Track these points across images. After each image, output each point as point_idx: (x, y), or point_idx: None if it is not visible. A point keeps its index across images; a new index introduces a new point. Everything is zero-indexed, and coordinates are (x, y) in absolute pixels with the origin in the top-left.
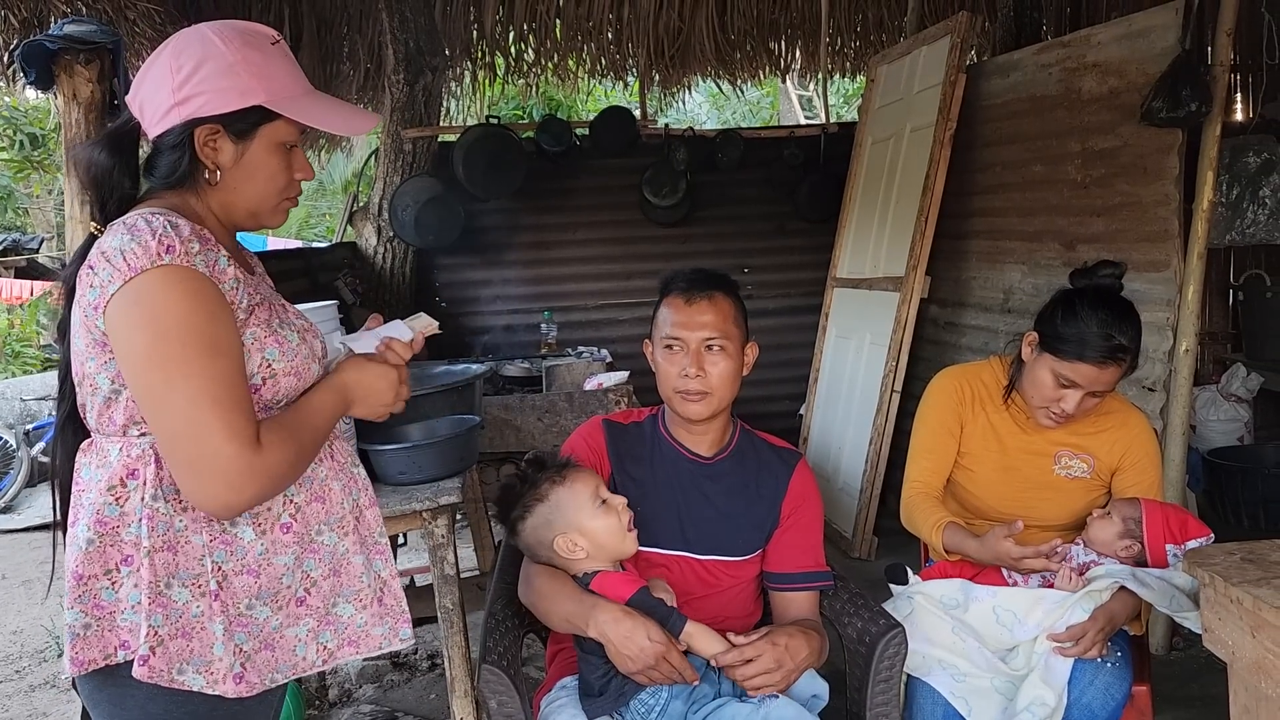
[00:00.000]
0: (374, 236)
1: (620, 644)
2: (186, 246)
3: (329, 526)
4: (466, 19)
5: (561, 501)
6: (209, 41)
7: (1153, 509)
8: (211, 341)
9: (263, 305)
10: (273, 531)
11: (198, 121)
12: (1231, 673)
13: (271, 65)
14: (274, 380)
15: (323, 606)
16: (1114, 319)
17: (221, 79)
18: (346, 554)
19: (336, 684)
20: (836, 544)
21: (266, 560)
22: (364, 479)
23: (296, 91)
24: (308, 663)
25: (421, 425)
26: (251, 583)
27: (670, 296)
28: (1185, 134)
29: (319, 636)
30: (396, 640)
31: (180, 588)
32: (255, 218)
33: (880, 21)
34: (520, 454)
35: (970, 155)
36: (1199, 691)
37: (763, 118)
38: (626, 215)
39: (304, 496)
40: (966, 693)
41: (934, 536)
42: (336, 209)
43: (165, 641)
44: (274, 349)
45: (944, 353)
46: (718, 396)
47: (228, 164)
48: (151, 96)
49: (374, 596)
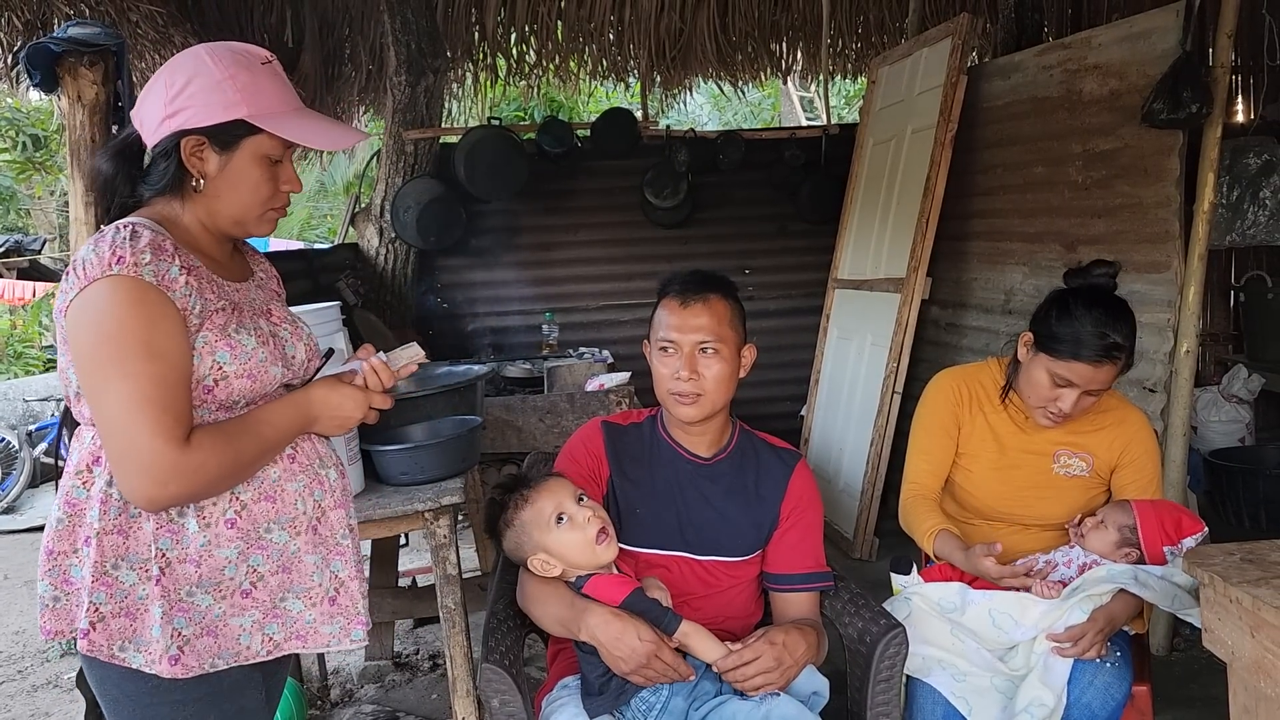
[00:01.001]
0: (376, 238)
1: (611, 646)
2: (137, 257)
3: (279, 525)
4: (468, 20)
5: (526, 523)
6: (201, 61)
7: (1145, 512)
8: (148, 346)
9: (222, 311)
10: (216, 525)
11: (185, 133)
12: (1231, 672)
13: (258, 83)
14: (226, 382)
15: (269, 600)
16: (1108, 318)
17: (208, 94)
18: (298, 553)
19: (338, 684)
20: (837, 545)
21: (208, 552)
22: (333, 482)
23: (283, 109)
24: (251, 651)
25: (424, 426)
26: (193, 571)
27: (666, 299)
28: (1186, 135)
29: (264, 628)
30: (347, 640)
31: (128, 570)
32: (240, 225)
33: (881, 23)
34: (521, 455)
35: (971, 157)
36: (1199, 692)
37: (764, 119)
38: (628, 216)
39: (251, 495)
40: (967, 692)
41: (926, 543)
42: (338, 210)
43: (107, 619)
44: (225, 352)
45: (945, 354)
46: (710, 399)
47: (212, 173)
48: (149, 111)
49: (326, 595)
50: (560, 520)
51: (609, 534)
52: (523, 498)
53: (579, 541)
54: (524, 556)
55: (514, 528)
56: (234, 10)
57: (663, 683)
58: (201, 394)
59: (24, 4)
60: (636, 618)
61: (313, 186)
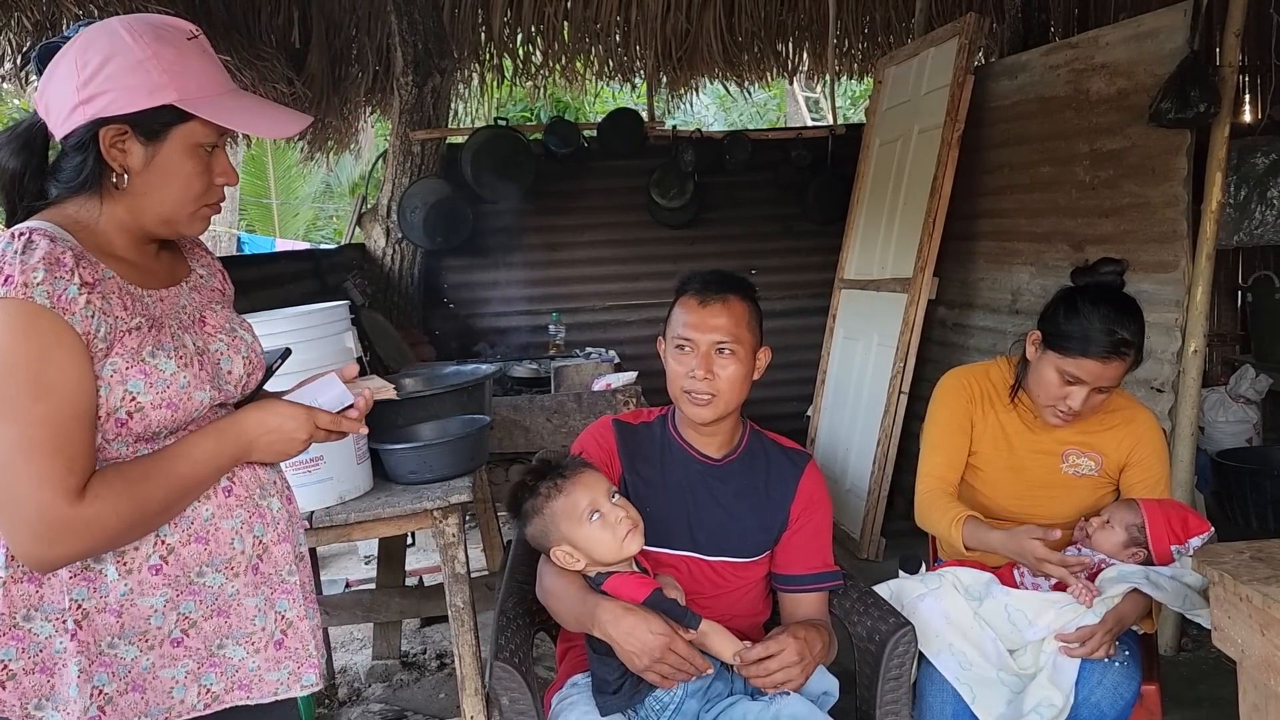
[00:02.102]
0: (382, 238)
1: (624, 641)
2: (28, 276)
3: (213, 568)
4: (475, 21)
5: (556, 514)
6: (117, 36)
7: (1153, 511)
8: (36, 382)
9: (135, 331)
10: (139, 572)
11: (103, 121)
12: (1241, 671)
13: (186, 62)
14: (141, 414)
15: (204, 649)
16: (1116, 314)
17: (129, 76)
18: (236, 595)
19: (346, 683)
20: (844, 545)
21: (130, 601)
22: (277, 513)
23: (214, 90)
24: (186, 706)
25: (432, 425)
26: (113, 622)
27: (685, 296)
28: (1193, 135)
29: (200, 679)
30: (297, 686)
31: (43, 621)
32: (170, 225)
33: (887, 23)
34: (529, 454)
35: (978, 156)
36: (1207, 692)
37: (769, 120)
38: (634, 217)
39: (179, 537)
40: (972, 680)
41: (953, 530)
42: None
43: (18, 676)
44: (138, 380)
45: (952, 354)
46: (724, 400)
47: (137, 167)
48: (56, 95)
49: (270, 640)
50: (594, 516)
51: (638, 531)
52: (556, 487)
53: (608, 539)
54: (547, 546)
55: (542, 516)
56: (241, 11)
57: (680, 679)
58: (115, 427)
59: (33, 4)
60: (648, 611)
61: (318, 188)
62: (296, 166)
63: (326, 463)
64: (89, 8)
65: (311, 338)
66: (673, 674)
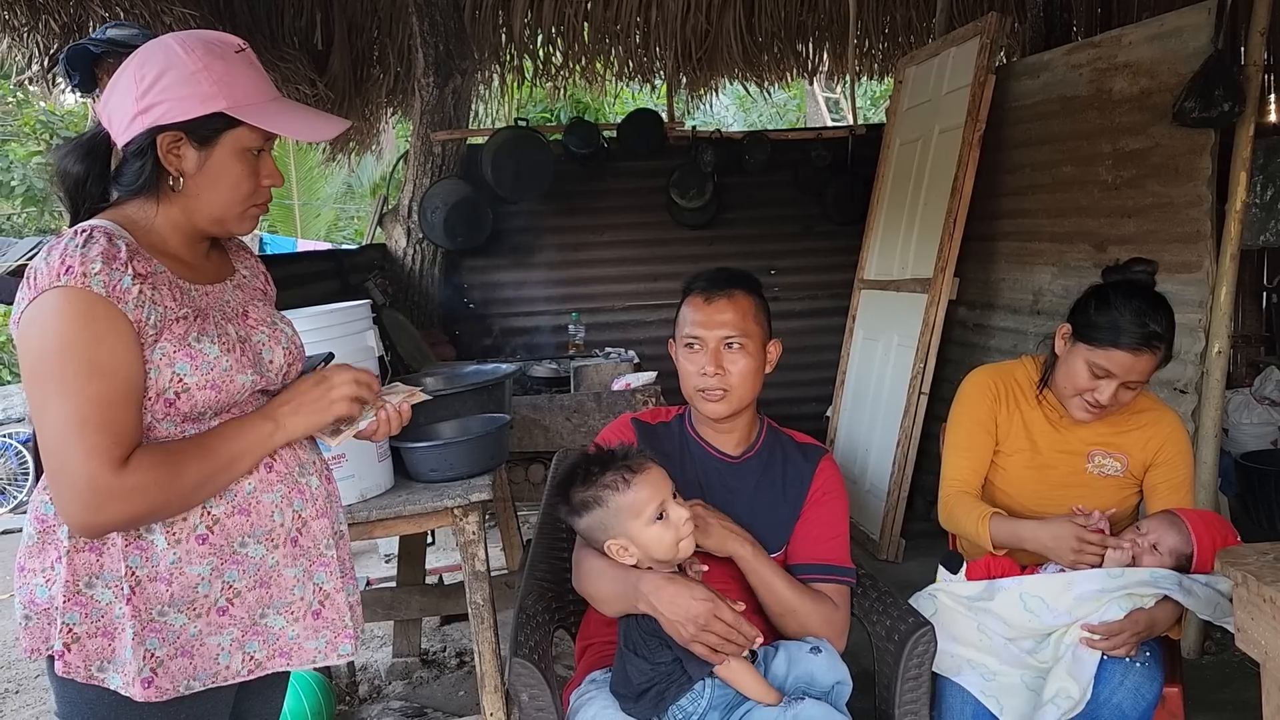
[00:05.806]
0: (403, 238)
1: (668, 610)
2: (86, 267)
3: (255, 539)
4: (495, 22)
5: (621, 508)
6: (172, 51)
7: (1200, 531)
8: (91, 363)
9: (183, 320)
10: (187, 542)
11: (160, 129)
12: (1265, 673)
13: (234, 73)
14: (187, 394)
15: (248, 617)
16: (1148, 307)
17: (183, 87)
18: (277, 566)
19: (366, 680)
20: (863, 546)
21: (179, 569)
22: (315, 489)
23: (260, 99)
24: (231, 671)
25: (453, 423)
26: (164, 590)
27: (691, 296)
28: (1218, 134)
29: (244, 646)
30: (334, 655)
31: (104, 588)
32: (220, 223)
33: (908, 23)
34: (548, 453)
35: (999, 156)
36: (1231, 696)
37: (789, 120)
38: (654, 217)
39: (224, 509)
40: (997, 691)
41: (980, 528)
42: (365, 212)
43: (82, 639)
44: (185, 364)
45: (972, 354)
46: (737, 394)
47: (191, 170)
48: (118, 106)
49: (309, 610)
50: (660, 517)
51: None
52: (624, 480)
53: (667, 541)
54: (601, 539)
55: (605, 508)
56: (265, 13)
57: (729, 650)
58: (164, 407)
59: (60, 8)
60: (690, 579)
61: (339, 189)
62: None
63: (349, 461)
64: (115, 10)
65: (333, 336)
66: (720, 644)
